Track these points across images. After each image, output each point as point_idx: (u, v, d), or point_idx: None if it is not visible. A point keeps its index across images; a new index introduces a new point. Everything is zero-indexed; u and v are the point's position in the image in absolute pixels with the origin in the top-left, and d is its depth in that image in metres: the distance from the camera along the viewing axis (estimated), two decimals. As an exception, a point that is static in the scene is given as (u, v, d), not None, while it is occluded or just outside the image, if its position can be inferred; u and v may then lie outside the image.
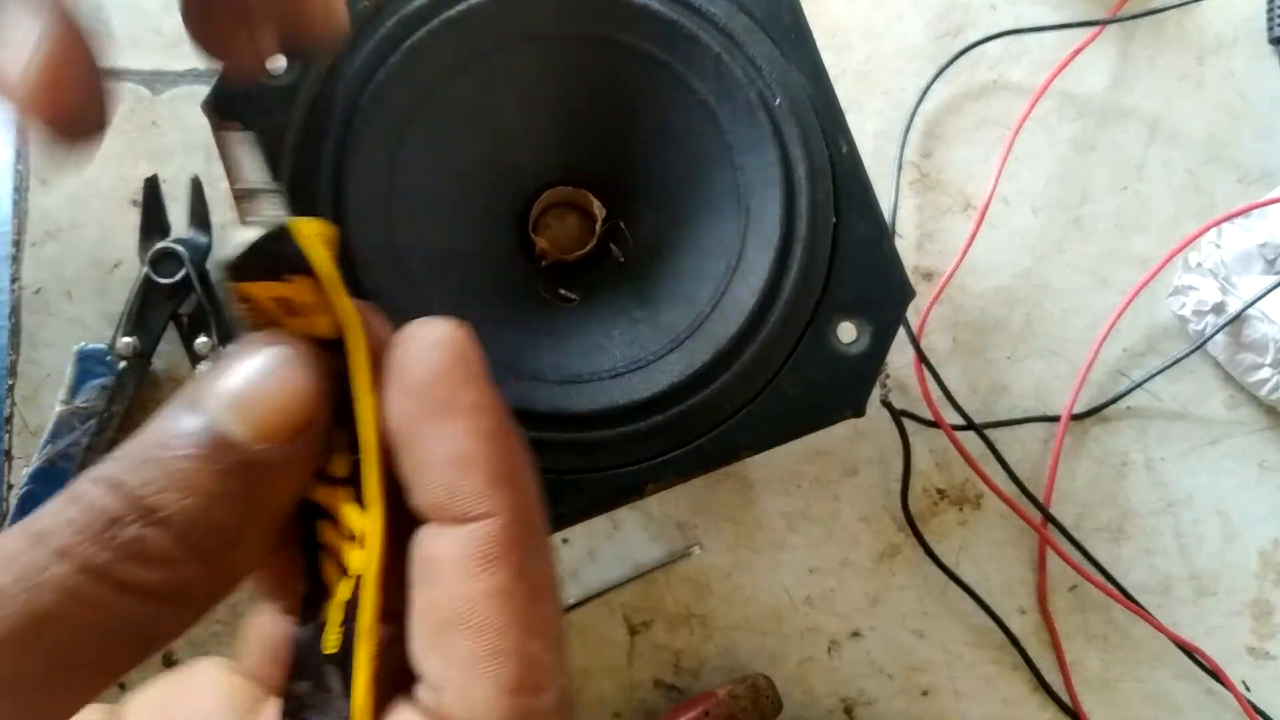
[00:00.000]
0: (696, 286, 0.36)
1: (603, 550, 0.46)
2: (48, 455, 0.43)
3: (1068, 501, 0.48)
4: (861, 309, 0.35)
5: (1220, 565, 0.48)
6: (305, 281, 0.18)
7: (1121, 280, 0.49)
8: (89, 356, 0.43)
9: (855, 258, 0.35)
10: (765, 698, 0.43)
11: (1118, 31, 0.50)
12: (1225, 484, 0.49)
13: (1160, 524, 0.48)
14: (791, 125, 0.34)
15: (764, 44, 0.35)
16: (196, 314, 0.44)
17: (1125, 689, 0.48)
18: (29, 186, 0.46)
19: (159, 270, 0.44)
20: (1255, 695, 0.47)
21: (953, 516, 0.48)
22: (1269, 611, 0.48)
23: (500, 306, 0.36)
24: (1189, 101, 0.50)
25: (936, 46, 0.50)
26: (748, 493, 0.47)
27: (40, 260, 0.46)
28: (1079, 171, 0.50)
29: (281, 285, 0.18)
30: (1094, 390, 0.49)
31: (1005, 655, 0.47)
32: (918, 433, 0.47)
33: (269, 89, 0.32)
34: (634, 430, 0.33)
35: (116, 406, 0.44)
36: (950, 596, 0.47)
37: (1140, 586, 0.48)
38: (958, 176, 0.49)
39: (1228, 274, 0.47)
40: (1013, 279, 0.49)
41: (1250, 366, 0.47)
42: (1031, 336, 0.49)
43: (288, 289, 0.18)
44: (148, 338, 0.44)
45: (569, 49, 0.35)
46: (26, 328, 0.46)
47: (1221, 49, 0.51)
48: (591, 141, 0.38)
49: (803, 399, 0.35)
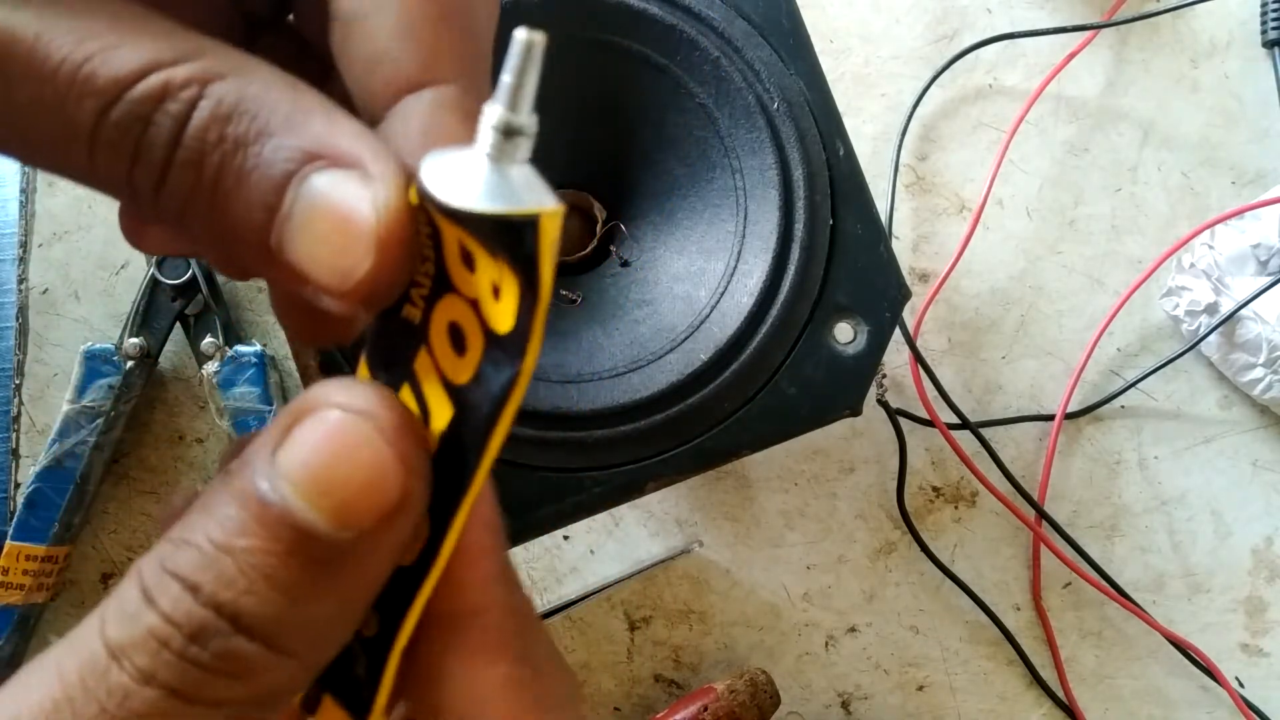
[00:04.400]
0: (696, 287, 0.36)
1: (603, 547, 0.47)
2: (55, 454, 0.43)
3: (1062, 499, 0.49)
4: (858, 309, 0.36)
5: (1214, 563, 0.49)
6: (509, 273, 0.15)
7: (1116, 281, 0.50)
8: (96, 356, 0.44)
9: (852, 259, 0.36)
10: (763, 692, 0.43)
11: (1112, 35, 0.51)
12: (1218, 483, 0.49)
13: (1154, 522, 0.49)
14: (789, 128, 0.35)
15: (762, 48, 0.35)
16: (202, 314, 0.45)
17: (1119, 685, 0.48)
18: (36, 188, 0.47)
19: (165, 271, 0.44)
20: (1249, 691, 0.48)
21: (948, 514, 0.48)
22: (1262, 608, 0.49)
23: None
24: (1183, 104, 0.51)
25: (933, 50, 0.50)
26: (746, 491, 0.47)
27: (47, 261, 0.46)
28: (1074, 174, 0.50)
29: (488, 257, 0.15)
30: (1088, 390, 0.49)
31: (1000, 651, 0.48)
32: (913, 432, 0.47)
33: None
34: (634, 429, 0.34)
35: (123, 406, 0.44)
36: (946, 593, 0.48)
37: (1134, 583, 0.48)
38: (954, 179, 0.50)
39: (1221, 275, 0.48)
40: (1008, 280, 0.50)
41: (1243, 366, 0.48)
42: (1026, 337, 0.49)
43: (492, 265, 0.15)
44: (154, 338, 0.44)
45: (570, 52, 0.35)
46: (34, 328, 0.46)
47: (1215, 52, 0.51)
48: (591, 144, 0.39)
49: (800, 398, 0.35)
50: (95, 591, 0.46)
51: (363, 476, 0.15)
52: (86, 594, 0.46)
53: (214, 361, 0.44)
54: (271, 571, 0.14)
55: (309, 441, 0.15)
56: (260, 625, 0.14)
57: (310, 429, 0.15)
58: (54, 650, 0.15)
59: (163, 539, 0.15)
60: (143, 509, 0.46)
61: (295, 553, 0.15)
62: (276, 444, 0.15)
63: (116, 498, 0.46)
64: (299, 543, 0.15)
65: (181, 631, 0.14)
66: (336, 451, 0.15)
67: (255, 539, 0.14)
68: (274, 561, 0.14)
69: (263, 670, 0.15)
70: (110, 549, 0.46)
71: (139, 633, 0.14)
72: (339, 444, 0.15)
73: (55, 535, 0.43)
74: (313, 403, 0.15)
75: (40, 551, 0.43)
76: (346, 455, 0.15)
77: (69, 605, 0.46)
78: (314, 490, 0.15)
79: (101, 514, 0.46)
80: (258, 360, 0.44)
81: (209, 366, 0.44)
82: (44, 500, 0.43)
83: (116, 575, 0.46)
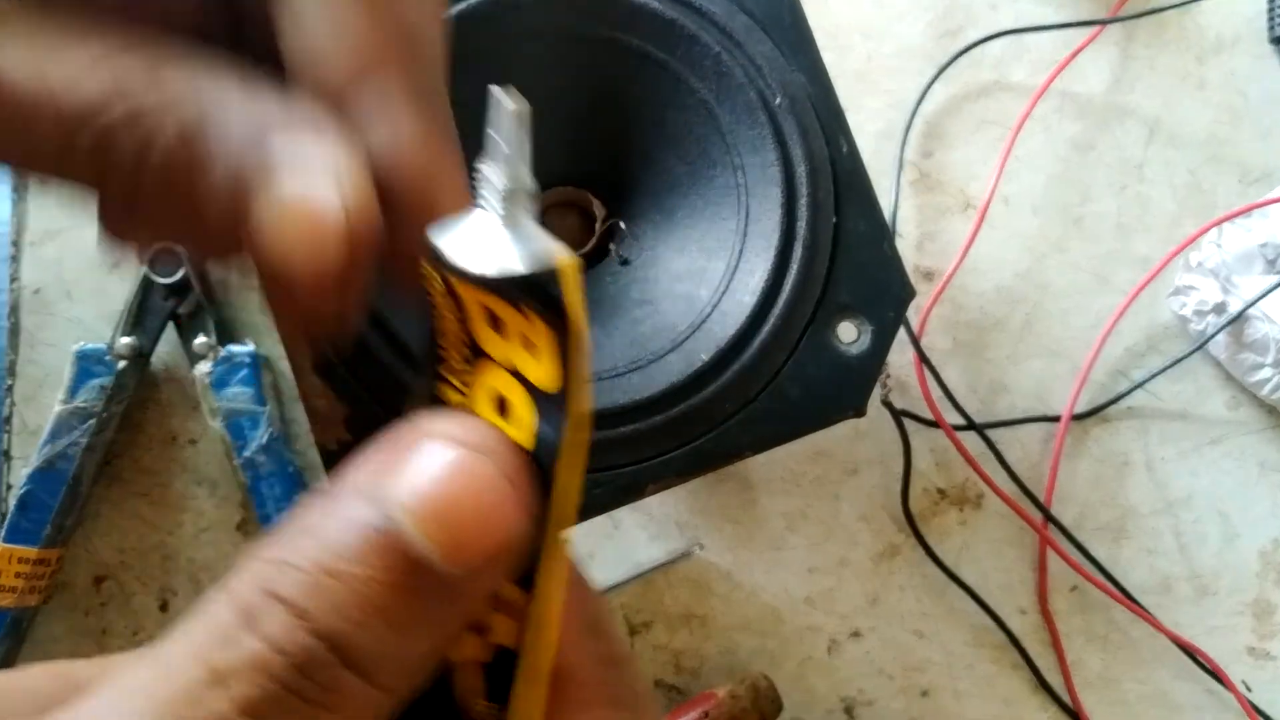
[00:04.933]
0: (697, 286, 0.36)
1: (603, 550, 0.46)
2: (47, 455, 0.43)
3: (1068, 501, 0.48)
4: (862, 309, 0.35)
5: (1221, 565, 0.48)
6: (541, 326, 0.15)
7: (1122, 280, 0.49)
8: (88, 356, 0.43)
9: (856, 257, 0.35)
10: (765, 698, 0.43)
11: (1118, 31, 0.50)
12: (1226, 484, 0.49)
13: (1161, 524, 0.48)
14: (791, 124, 0.34)
15: (764, 44, 0.35)
16: (195, 314, 0.44)
17: (1126, 689, 0.48)
18: (28, 186, 0.46)
19: (158, 270, 0.44)
20: (1256, 695, 0.47)
21: (953, 516, 0.48)
22: (1269, 611, 0.48)
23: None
24: (1190, 101, 0.50)
25: (937, 46, 0.50)
26: (748, 493, 0.47)
27: (40, 260, 0.46)
28: (1079, 171, 0.50)
29: (516, 315, 0.16)
30: (1095, 390, 0.49)
31: (1005, 655, 0.47)
32: (918, 432, 0.47)
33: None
34: (634, 430, 0.33)
35: (115, 406, 0.44)
36: (950, 596, 0.47)
37: (1141, 586, 0.48)
38: (958, 176, 0.49)
39: (1229, 274, 0.47)
40: (1013, 279, 0.49)
41: (1251, 366, 0.47)
42: (1032, 336, 0.49)
43: (522, 322, 0.16)
44: (146, 338, 0.44)
45: (569, 48, 0.35)
46: (26, 327, 0.46)
47: (1222, 49, 0.51)
48: (592, 141, 0.38)
49: (803, 399, 0.35)
50: (88, 594, 0.45)
51: (484, 515, 0.15)
52: (79, 597, 0.45)
53: (207, 362, 0.43)
54: (382, 603, 0.14)
55: (429, 473, 0.15)
56: (364, 658, 0.14)
57: (429, 460, 0.15)
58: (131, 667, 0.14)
59: (252, 558, 0.15)
60: (135, 511, 0.46)
61: (405, 585, 0.14)
62: (386, 472, 0.15)
63: (109, 499, 0.45)
64: (410, 575, 0.14)
65: (290, 661, 0.14)
66: (461, 486, 0.15)
67: (367, 567, 0.14)
68: (384, 592, 0.14)
69: (357, 704, 0.14)
70: (103, 551, 0.45)
71: (241, 658, 0.14)
72: (463, 479, 0.15)
73: (47, 537, 0.43)
74: (424, 433, 0.15)
75: (32, 554, 0.43)
76: (470, 491, 0.15)
77: (61, 608, 0.45)
78: (433, 523, 0.14)
79: (94, 516, 0.45)
80: (251, 360, 0.43)
81: (202, 367, 0.43)
82: (36, 502, 0.43)
83: (109, 577, 0.45)
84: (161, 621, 0.45)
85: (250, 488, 0.43)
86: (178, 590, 0.45)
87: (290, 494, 0.43)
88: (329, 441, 0.31)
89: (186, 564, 0.45)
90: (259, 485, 0.43)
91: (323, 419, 0.31)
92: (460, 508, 0.14)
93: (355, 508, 0.14)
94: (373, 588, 0.14)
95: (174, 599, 0.45)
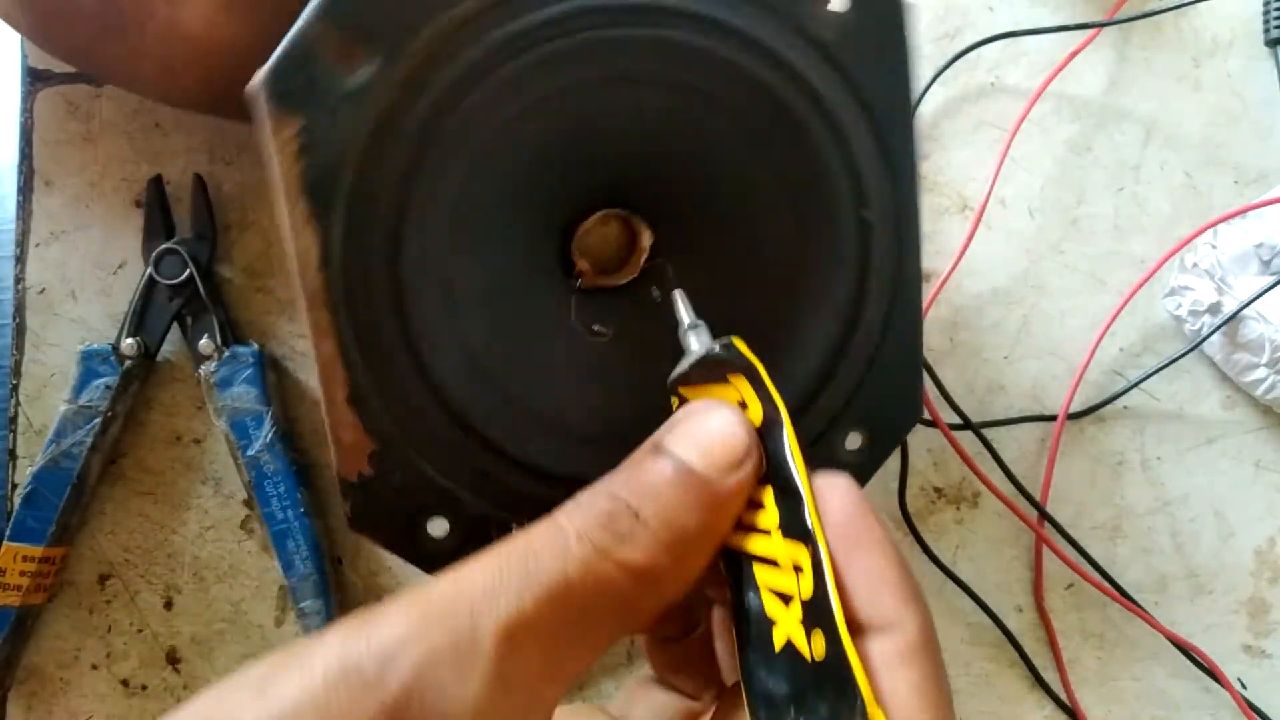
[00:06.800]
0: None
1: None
2: (52, 455, 0.43)
3: (1064, 500, 0.48)
4: (874, 423, 0.34)
5: (1216, 564, 0.49)
6: (740, 380, 0.25)
7: (1118, 281, 0.49)
8: (93, 356, 0.43)
9: (887, 379, 0.34)
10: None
11: (1115, 34, 0.50)
12: (1221, 483, 0.49)
13: (1157, 523, 0.49)
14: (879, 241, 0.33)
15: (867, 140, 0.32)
16: (200, 314, 0.44)
17: (1122, 687, 0.48)
18: (33, 187, 0.46)
19: (162, 271, 0.44)
20: (1251, 693, 0.48)
21: (950, 515, 0.48)
22: (1265, 609, 0.49)
23: (535, 339, 0.34)
24: (1186, 103, 0.51)
25: (934, 49, 0.50)
26: (747, 492, 0.47)
27: (45, 261, 0.46)
28: (1076, 173, 0.50)
29: (722, 386, 0.26)
30: (1090, 390, 0.49)
31: (1002, 653, 0.48)
32: (915, 432, 0.47)
33: (340, 86, 0.28)
34: None
35: (120, 406, 0.44)
36: (947, 594, 0.47)
37: (1137, 585, 0.48)
38: (955, 178, 0.50)
39: (1224, 274, 0.48)
40: (1010, 280, 0.49)
41: (1246, 366, 0.47)
42: (1028, 337, 0.49)
43: (727, 389, 0.26)
44: (151, 338, 0.44)
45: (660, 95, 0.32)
46: (31, 328, 0.46)
47: (1218, 51, 0.51)
48: (655, 180, 0.35)
49: None
50: (92, 592, 0.46)
51: (730, 441, 0.24)
52: (84, 595, 0.46)
53: (211, 361, 0.44)
54: (663, 491, 0.23)
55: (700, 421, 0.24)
56: (653, 521, 0.22)
57: (701, 416, 0.25)
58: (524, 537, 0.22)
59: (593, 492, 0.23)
60: (140, 509, 0.46)
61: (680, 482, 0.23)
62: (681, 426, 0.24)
63: (114, 498, 0.46)
64: (683, 475, 0.23)
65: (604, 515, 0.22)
66: (716, 426, 0.24)
67: (658, 472, 0.23)
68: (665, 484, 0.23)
69: (651, 551, 0.22)
70: (108, 549, 0.46)
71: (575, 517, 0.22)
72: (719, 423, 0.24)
73: (52, 536, 0.43)
74: (703, 404, 0.25)
75: (37, 552, 0.43)
76: (720, 430, 0.24)
77: (66, 606, 0.46)
78: (699, 446, 0.24)
79: (99, 515, 0.46)
80: (255, 360, 0.44)
81: (206, 366, 0.44)
82: (41, 501, 0.43)
83: (114, 576, 0.46)
84: (166, 619, 0.46)
85: (254, 486, 0.44)
86: (182, 588, 0.46)
87: (294, 492, 0.43)
88: (351, 474, 0.30)
89: (191, 562, 0.46)
90: (263, 484, 0.43)
91: (348, 451, 0.30)
92: (715, 435, 0.24)
93: (653, 444, 0.24)
94: (659, 481, 0.23)
95: (178, 597, 0.46)
